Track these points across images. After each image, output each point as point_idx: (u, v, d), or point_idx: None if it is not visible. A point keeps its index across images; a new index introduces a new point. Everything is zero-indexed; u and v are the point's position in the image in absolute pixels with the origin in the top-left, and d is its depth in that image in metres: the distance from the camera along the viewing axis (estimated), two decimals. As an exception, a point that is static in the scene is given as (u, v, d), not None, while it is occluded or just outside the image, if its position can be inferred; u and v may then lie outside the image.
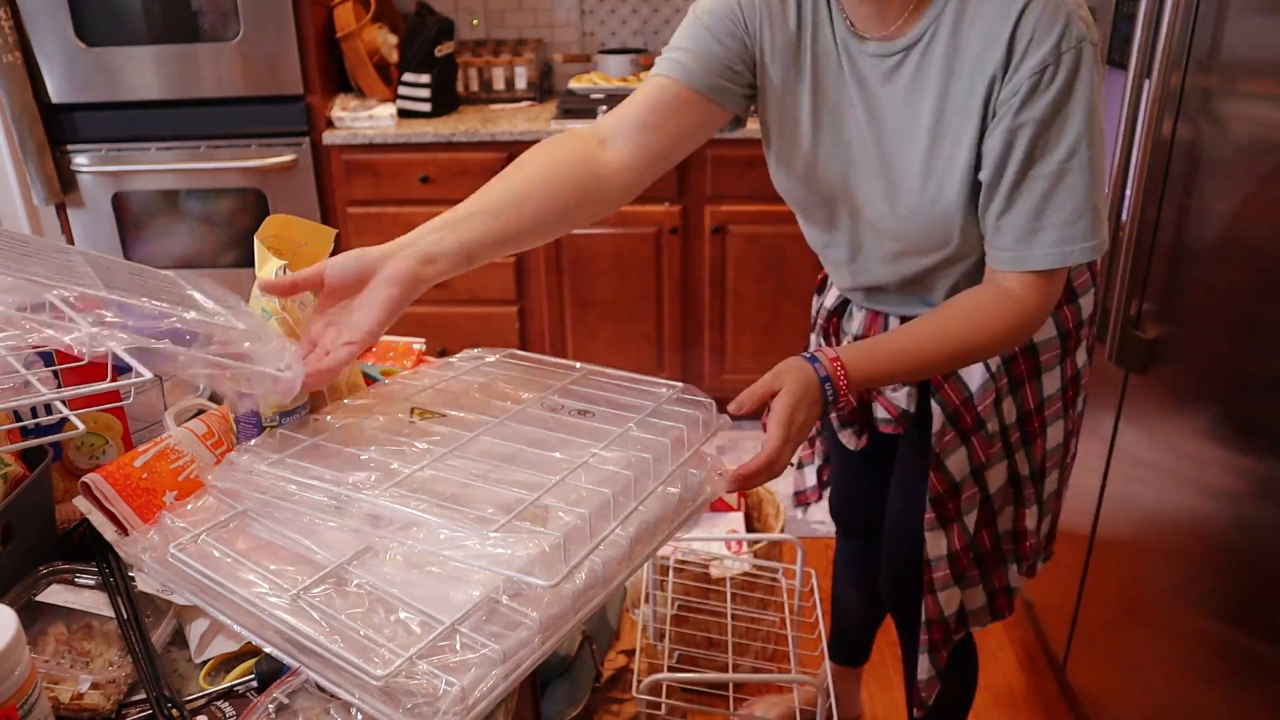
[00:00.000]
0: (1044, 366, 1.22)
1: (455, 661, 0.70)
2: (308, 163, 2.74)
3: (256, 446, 0.92)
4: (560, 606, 0.77)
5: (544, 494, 0.83)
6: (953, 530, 1.26)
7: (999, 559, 1.31)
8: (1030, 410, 1.23)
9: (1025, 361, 1.21)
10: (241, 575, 0.79)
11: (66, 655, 0.82)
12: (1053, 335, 1.21)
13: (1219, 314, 1.28)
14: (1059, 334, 1.21)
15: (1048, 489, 1.29)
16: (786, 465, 0.98)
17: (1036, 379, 1.22)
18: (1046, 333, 1.20)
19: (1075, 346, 1.23)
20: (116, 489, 0.90)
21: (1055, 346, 1.21)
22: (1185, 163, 1.43)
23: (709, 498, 0.97)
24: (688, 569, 1.89)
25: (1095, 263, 1.26)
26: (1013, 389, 1.21)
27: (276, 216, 1.04)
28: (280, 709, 0.75)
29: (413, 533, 0.80)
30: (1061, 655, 1.89)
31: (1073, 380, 1.25)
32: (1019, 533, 1.29)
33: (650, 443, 0.92)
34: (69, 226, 2.85)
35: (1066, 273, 1.06)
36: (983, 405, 1.20)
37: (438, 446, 0.92)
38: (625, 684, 1.83)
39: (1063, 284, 1.06)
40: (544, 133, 2.65)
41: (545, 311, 2.87)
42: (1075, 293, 1.22)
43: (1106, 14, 1.71)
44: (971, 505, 1.25)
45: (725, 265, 2.76)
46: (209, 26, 2.63)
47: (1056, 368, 1.22)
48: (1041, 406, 1.23)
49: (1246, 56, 1.29)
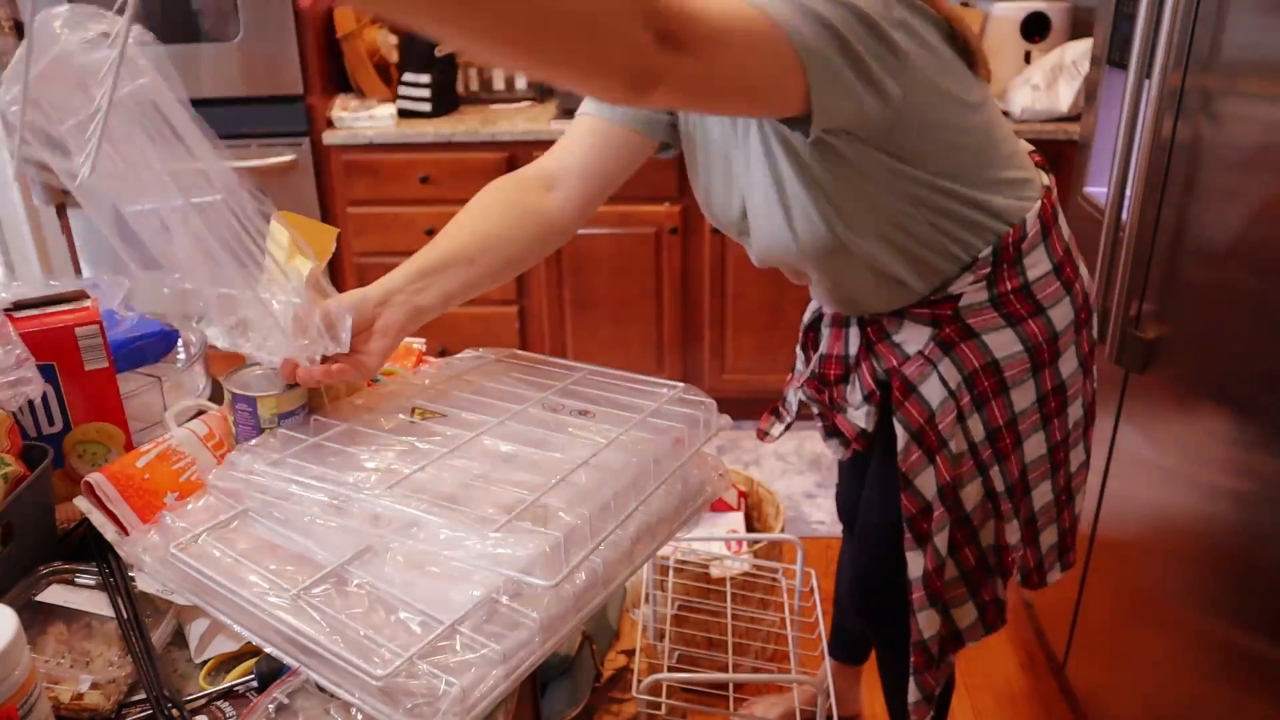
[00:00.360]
0: (1011, 382, 1.18)
1: (455, 662, 0.70)
2: (308, 163, 2.73)
3: (257, 446, 0.92)
4: (561, 607, 0.77)
5: (545, 494, 0.83)
6: (927, 551, 1.24)
7: (985, 572, 1.29)
8: (999, 426, 1.20)
9: (988, 378, 1.18)
10: (242, 575, 0.79)
11: (66, 655, 0.82)
12: (1018, 350, 1.17)
13: (1219, 314, 1.28)
14: (1025, 349, 1.17)
15: (1039, 500, 1.26)
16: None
17: (1004, 394, 1.19)
18: (1009, 348, 1.17)
19: (1052, 359, 1.20)
20: (119, 489, 0.90)
21: (1022, 361, 1.18)
22: (1185, 163, 1.43)
23: (710, 498, 0.97)
24: (688, 569, 1.89)
25: (1069, 272, 1.20)
26: (978, 406, 1.19)
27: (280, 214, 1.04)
28: (280, 709, 0.75)
29: (413, 533, 0.80)
30: (1061, 655, 1.89)
31: (1055, 391, 1.21)
32: (1000, 547, 1.28)
33: (651, 443, 0.92)
34: (69, 227, 2.84)
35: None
36: (944, 423, 1.19)
37: (439, 446, 0.92)
38: (625, 684, 1.83)
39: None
40: (544, 132, 2.65)
41: (545, 311, 2.87)
42: (1041, 305, 1.18)
43: (1106, 14, 1.72)
44: (942, 525, 1.22)
45: (725, 265, 2.76)
46: (209, 26, 2.63)
47: (1028, 382, 1.19)
48: (1014, 422, 1.20)
49: (1246, 56, 1.29)
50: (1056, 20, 2.74)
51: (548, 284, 2.83)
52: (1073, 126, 2.51)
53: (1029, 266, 1.16)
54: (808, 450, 2.85)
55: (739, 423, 3.05)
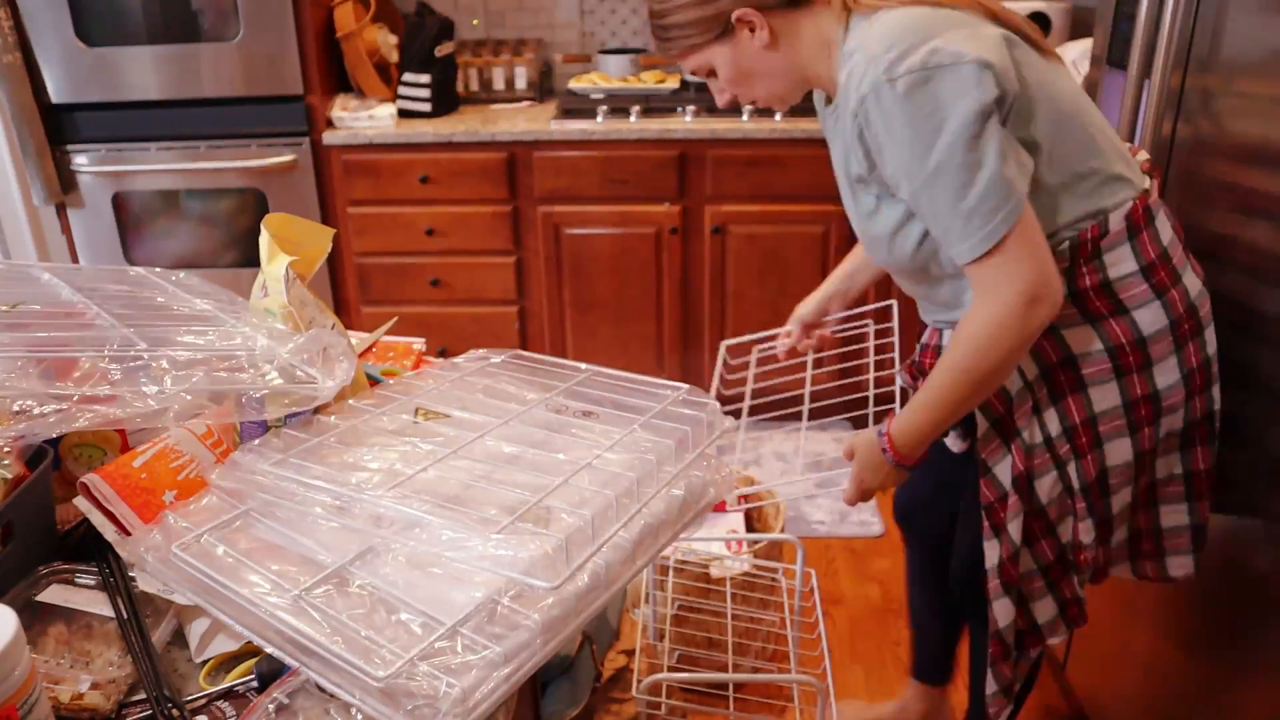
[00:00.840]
0: (1090, 380, 1.18)
1: (456, 663, 0.70)
2: (308, 163, 2.73)
3: (260, 446, 0.92)
4: (562, 608, 0.77)
5: (547, 495, 0.83)
6: (1003, 538, 1.25)
7: (1064, 569, 1.28)
8: (1076, 424, 1.19)
9: (1065, 373, 1.18)
10: (244, 575, 0.79)
11: (66, 655, 0.82)
12: (1098, 349, 1.17)
13: (1218, 313, 1.28)
14: (1106, 348, 1.17)
15: (1117, 504, 1.24)
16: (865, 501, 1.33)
17: (1082, 391, 1.18)
18: (1089, 345, 1.17)
19: (1141, 364, 1.17)
20: (115, 489, 0.90)
21: (1102, 361, 1.17)
22: (1185, 163, 1.43)
23: (712, 500, 0.97)
24: (688, 569, 1.89)
25: (1163, 277, 1.17)
26: (1054, 399, 1.19)
27: (275, 215, 1.04)
28: (280, 709, 0.74)
29: (415, 533, 0.80)
30: (1062, 655, 1.89)
31: (1146, 399, 1.18)
32: (1075, 545, 1.26)
33: (654, 445, 0.92)
34: (69, 227, 2.84)
35: (1017, 248, 1.07)
36: (1020, 413, 1.20)
37: (441, 447, 0.91)
38: (625, 684, 1.83)
39: (1027, 258, 1.07)
40: (544, 133, 2.65)
41: (545, 311, 2.87)
42: (1124, 305, 1.16)
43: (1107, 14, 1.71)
44: (1016, 514, 1.23)
45: (725, 265, 2.76)
46: (209, 26, 2.62)
47: (1110, 383, 1.17)
48: (1092, 421, 1.19)
49: (1246, 56, 1.28)
50: (1056, 20, 2.74)
51: (548, 284, 2.83)
52: (1073, 127, 2.51)
53: (1110, 264, 1.15)
54: (808, 450, 2.85)
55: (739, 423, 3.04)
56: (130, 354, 0.92)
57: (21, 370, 0.88)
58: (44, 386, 0.87)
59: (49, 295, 1.07)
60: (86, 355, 0.90)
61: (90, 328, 0.98)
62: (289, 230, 1.05)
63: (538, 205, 2.73)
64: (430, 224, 2.74)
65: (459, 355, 1.19)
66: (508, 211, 2.74)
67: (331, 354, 0.96)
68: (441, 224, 2.74)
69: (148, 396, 0.88)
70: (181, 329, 1.01)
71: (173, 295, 1.14)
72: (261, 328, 1.01)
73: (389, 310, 2.81)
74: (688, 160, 2.65)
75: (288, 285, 0.99)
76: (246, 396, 0.93)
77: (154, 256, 2.88)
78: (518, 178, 2.71)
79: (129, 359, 0.91)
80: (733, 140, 2.61)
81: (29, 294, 1.07)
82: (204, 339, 0.99)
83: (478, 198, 2.72)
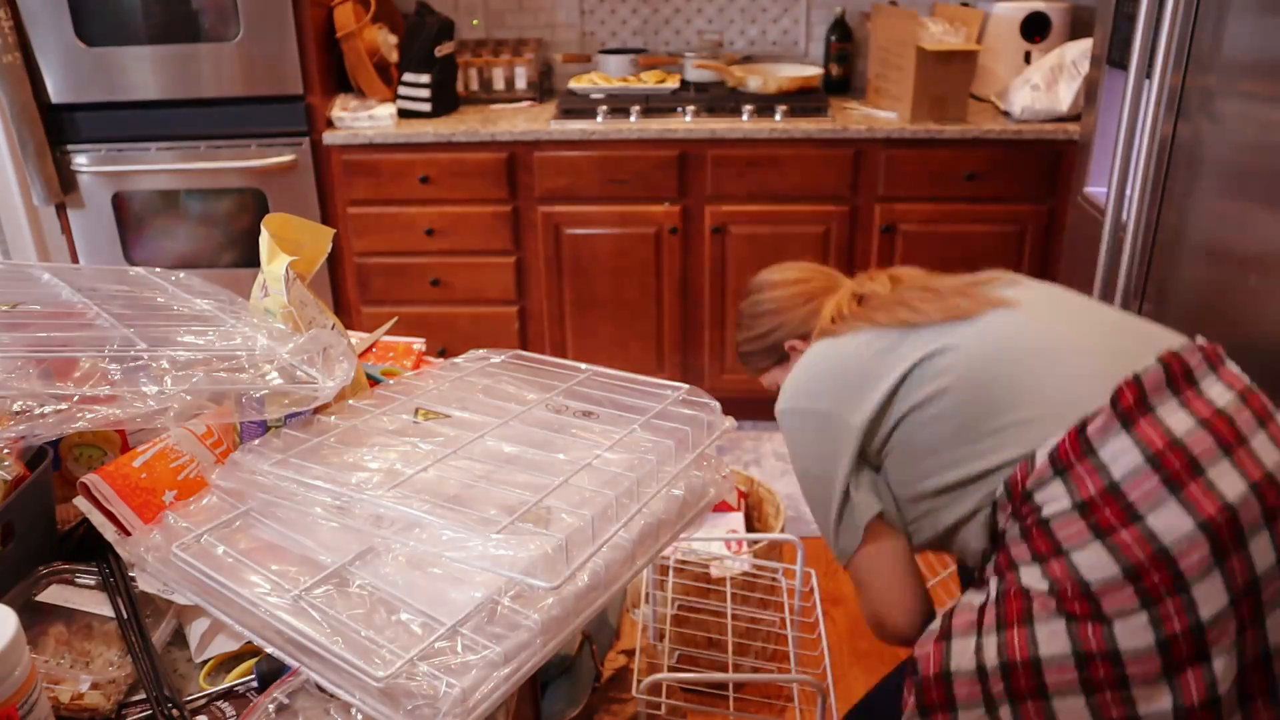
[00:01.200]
0: (1036, 616, 1.02)
1: (456, 663, 0.70)
2: (308, 163, 2.73)
3: (260, 446, 0.92)
4: (562, 608, 0.77)
5: (547, 495, 0.83)
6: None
7: None
8: (1015, 662, 1.03)
9: (1017, 601, 1.05)
10: (244, 575, 0.79)
11: (66, 655, 0.82)
12: (1043, 588, 1.03)
13: (1219, 313, 1.28)
14: (1048, 586, 1.03)
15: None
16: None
17: (1028, 625, 1.03)
18: (1036, 582, 1.04)
19: (1088, 613, 1.00)
20: (115, 489, 0.90)
21: (1047, 597, 1.02)
22: (1185, 163, 1.43)
23: (713, 500, 0.97)
24: (688, 569, 1.89)
25: (1103, 517, 1.01)
26: (1000, 627, 1.05)
27: (275, 215, 1.04)
28: (280, 709, 0.74)
29: (415, 533, 0.80)
30: None
31: (1103, 656, 0.99)
32: None
33: (654, 445, 0.92)
34: (69, 227, 2.84)
35: (863, 565, 1.21)
36: (958, 619, 1.10)
37: (442, 447, 0.91)
38: (625, 684, 1.83)
39: (867, 575, 1.21)
40: (543, 133, 2.65)
41: (545, 311, 2.87)
42: (1062, 547, 1.02)
43: (1107, 14, 1.72)
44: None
45: (725, 265, 2.76)
46: (209, 26, 2.62)
47: (1058, 621, 1.01)
48: (1036, 665, 1.02)
49: (1246, 56, 1.29)
50: (1056, 20, 2.74)
51: (548, 284, 2.83)
52: (1073, 126, 2.51)
53: (1042, 504, 1.05)
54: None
55: (740, 423, 3.04)
56: (130, 354, 0.92)
57: (21, 370, 0.88)
58: (44, 387, 0.87)
59: (49, 295, 1.07)
60: (86, 355, 0.90)
61: (90, 328, 0.98)
62: (289, 230, 1.05)
63: (538, 205, 2.73)
64: (430, 224, 2.74)
65: (459, 355, 1.19)
66: (508, 211, 2.74)
67: (331, 354, 0.96)
68: (441, 224, 2.74)
69: (148, 397, 0.88)
70: (181, 329, 1.01)
71: (173, 295, 1.14)
72: (261, 328, 1.01)
73: (389, 310, 2.81)
74: (687, 160, 2.65)
75: (288, 285, 0.99)
76: (246, 396, 0.93)
77: (154, 256, 2.88)
78: (518, 178, 2.72)
79: (129, 359, 0.91)
80: (732, 140, 2.61)
81: (29, 294, 1.07)
82: (204, 339, 0.99)
83: (478, 198, 2.72)
